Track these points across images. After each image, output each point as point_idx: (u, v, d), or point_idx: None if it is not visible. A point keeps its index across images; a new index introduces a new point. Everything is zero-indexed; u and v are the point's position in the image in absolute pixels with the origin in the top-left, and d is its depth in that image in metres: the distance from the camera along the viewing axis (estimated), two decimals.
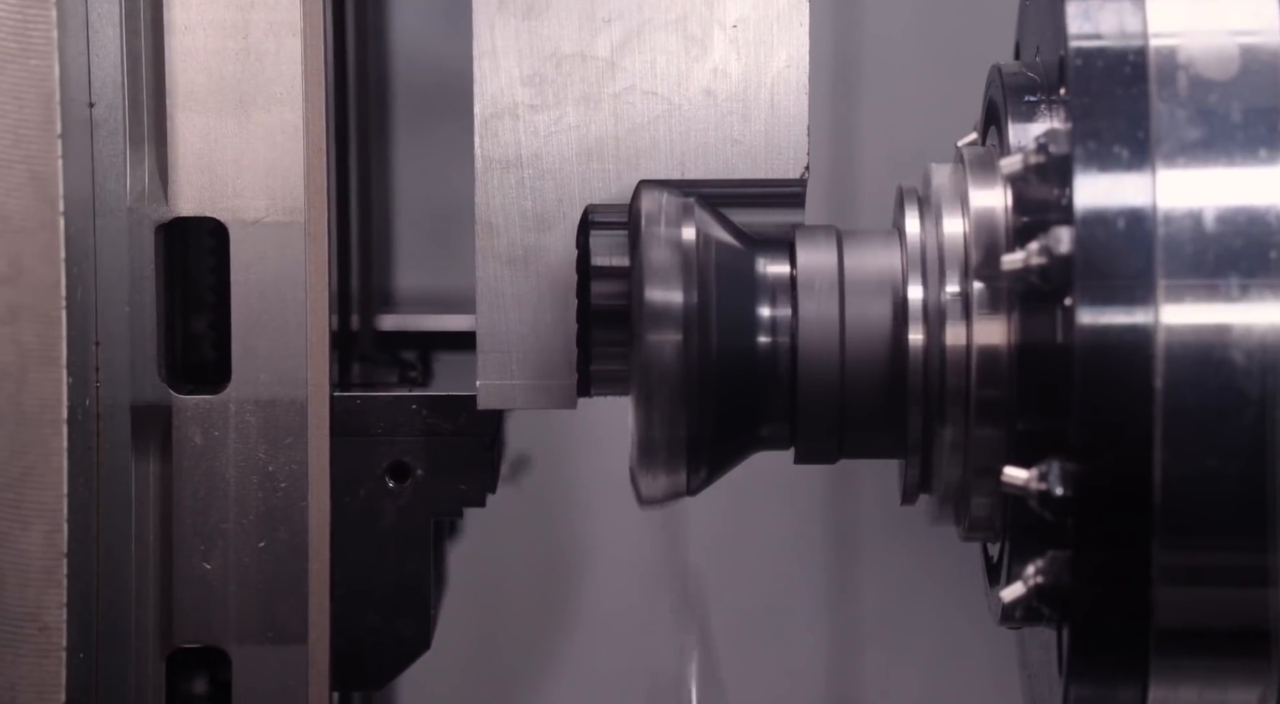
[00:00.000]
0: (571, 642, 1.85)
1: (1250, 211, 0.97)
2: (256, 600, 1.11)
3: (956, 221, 1.06)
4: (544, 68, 1.11)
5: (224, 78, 1.10)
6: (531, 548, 1.84)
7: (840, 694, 1.84)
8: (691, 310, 1.05)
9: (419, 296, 1.61)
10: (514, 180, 1.11)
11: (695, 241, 1.06)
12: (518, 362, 1.12)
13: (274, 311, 1.11)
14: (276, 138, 1.10)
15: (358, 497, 1.14)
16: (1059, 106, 1.01)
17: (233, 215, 1.10)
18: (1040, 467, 0.98)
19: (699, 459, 1.07)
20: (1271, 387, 0.95)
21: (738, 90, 1.11)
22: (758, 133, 1.11)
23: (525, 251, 1.11)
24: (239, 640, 1.11)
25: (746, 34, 1.10)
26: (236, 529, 1.11)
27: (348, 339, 1.31)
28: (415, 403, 1.14)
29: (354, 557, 1.14)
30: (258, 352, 1.11)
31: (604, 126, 1.11)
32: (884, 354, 1.06)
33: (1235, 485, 0.96)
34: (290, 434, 1.11)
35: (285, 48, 1.10)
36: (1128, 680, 0.99)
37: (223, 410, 1.11)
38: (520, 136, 1.11)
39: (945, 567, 1.79)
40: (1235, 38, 0.99)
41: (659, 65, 1.11)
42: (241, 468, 1.11)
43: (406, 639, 1.15)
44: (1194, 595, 0.98)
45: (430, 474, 1.14)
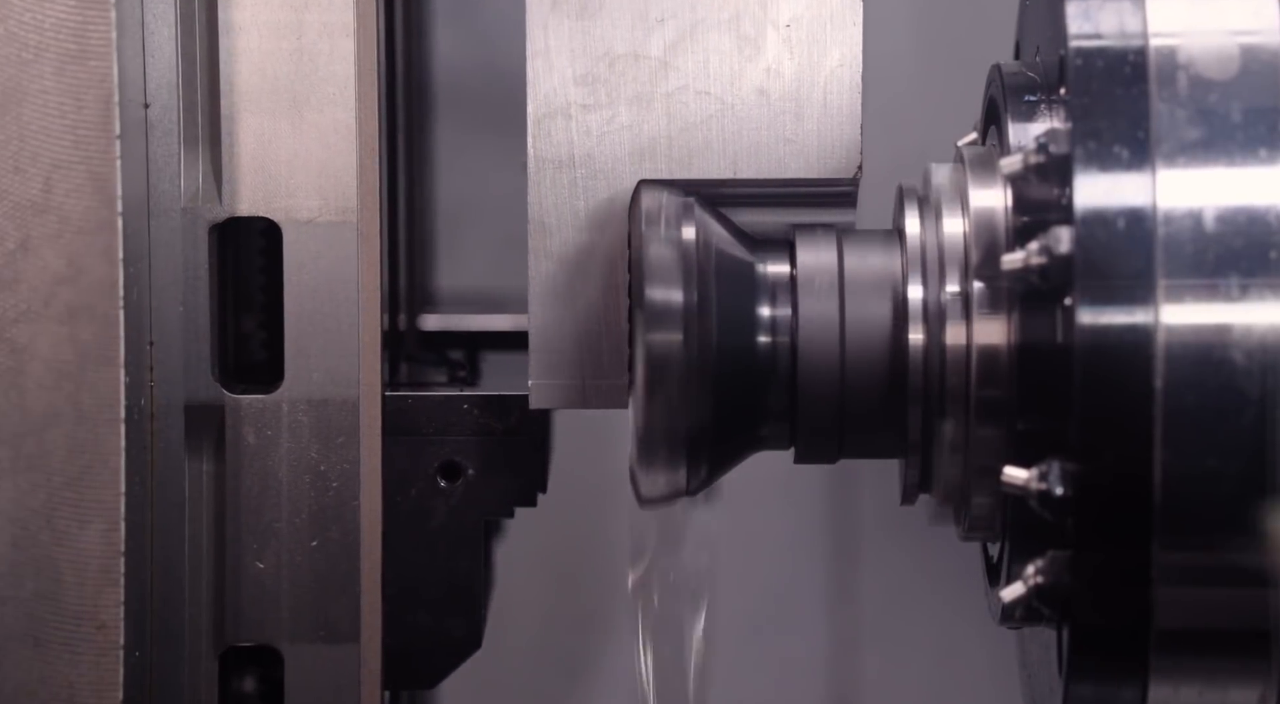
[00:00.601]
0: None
1: (1250, 211, 0.96)
2: (309, 599, 1.11)
3: (956, 221, 1.06)
4: (597, 67, 1.11)
5: (278, 78, 1.10)
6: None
7: (840, 694, 1.84)
8: (691, 310, 1.05)
9: (459, 296, 1.62)
10: (566, 180, 1.11)
11: (695, 241, 1.06)
12: (569, 361, 1.12)
13: (326, 311, 1.11)
14: (329, 138, 1.10)
15: (409, 496, 1.14)
16: (1059, 106, 1.01)
17: (286, 215, 1.11)
18: (1040, 466, 0.98)
19: (699, 459, 1.07)
20: (1271, 386, 0.95)
21: (791, 90, 1.11)
22: (810, 132, 1.11)
23: (577, 251, 1.11)
24: (291, 639, 1.11)
25: (799, 33, 1.10)
26: (289, 528, 1.11)
27: (395, 339, 1.31)
28: (467, 402, 1.15)
29: (405, 556, 1.14)
30: (310, 351, 1.11)
31: (657, 126, 1.11)
32: (884, 354, 1.06)
33: (1235, 485, 0.96)
34: (342, 433, 1.11)
35: (339, 48, 1.10)
36: (1128, 680, 0.99)
37: (275, 410, 1.11)
38: (573, 136, 1.11)
39: (945, 567, 1.79)
40: (1235, 38, 0.99)
41: (712, 65, 1.11)
42: (294, 467, 1.11)
43: (457, 639, 1.15)
44: (1194, 595, 0.98)
45: (481, 474, 1.14)
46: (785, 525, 1.82)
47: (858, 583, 1.83)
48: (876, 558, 1.82)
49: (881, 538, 1.82)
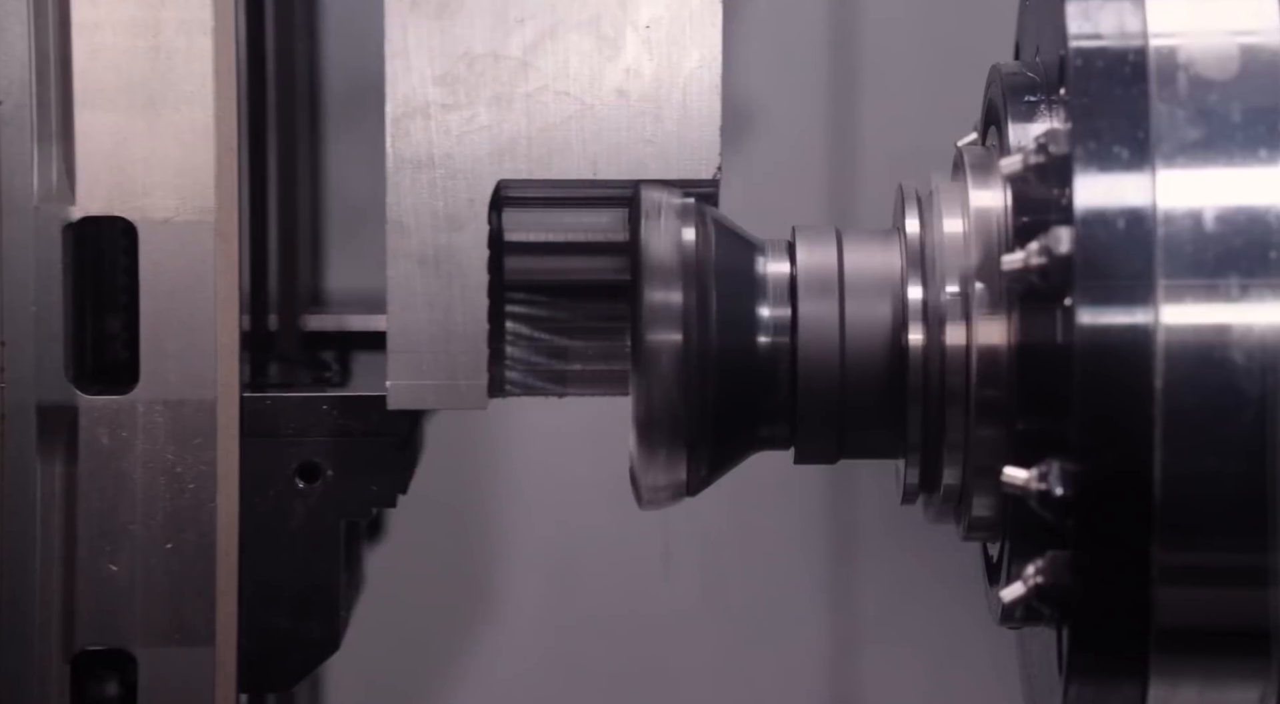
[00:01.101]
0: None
1: (1250, 211, 0.96)
2: (163, 602, 1.10)
3: (956, 221, 1.06)
4: (456, 67, 1.10)
5: (133, 76, 1.09)
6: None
7: (840, 694, 1.84)
8: (691, 310, 1.05)
9: (352, 297, 1.61)
10: (426, 180, 1.11)
11: (695, 241, 1.06)
12: (428, 362, 1.11)
13: (183, 311, 1.10)
14: (187, 137, 1.09)
15: (267, 497, 1.13)
16: (1059, 106, 1.01)
17: (142, 215, 1.10)
18: (1040, 466, 0.98)
19: (699, 459, 1.07)
20: (1271, 386, 0.95)
21: (650, 91, 1.10)
22: (670, 133, 1.11)
23: (436, 252, 1.11)
24: (145, 642, 1.10)
25: (659, 34, 1.10)
26: (143, 531, 1.10)
27: (265, 339, 1.30)
28: (326, 403, 1.14)
29: (263, 558, 1.13)
30: (167, 352, 1.10)
31: (517, 126, 1.10)
32: (884, 354, 1.06)
33: (1235, 485, 0.96)
34: (199, 435, 1.10)
35: (196, 46, 1.09)
36: (1128, 680, 0.99)
37: (130, 411, 1.10)
38: (432, 136, 1.10)
39: (945, 567, 1.79)
40: (1235, 38, 0.99)
41: (572, 65, 1.10)
42: (149, 469, 1.10)
43: (315, 640, 1.14)
44: (1194, 595, 0.98)
45: (340, 475, 1.14)
46: (785, 525, 1.82)
47: (858, 583, 1.83)
48: (876, 558, 1.82)
49: (881, 538, 1.82)
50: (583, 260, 1.14)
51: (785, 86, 1.82)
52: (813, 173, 1.88)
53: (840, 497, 1.83)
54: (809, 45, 1.83)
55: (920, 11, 1.80)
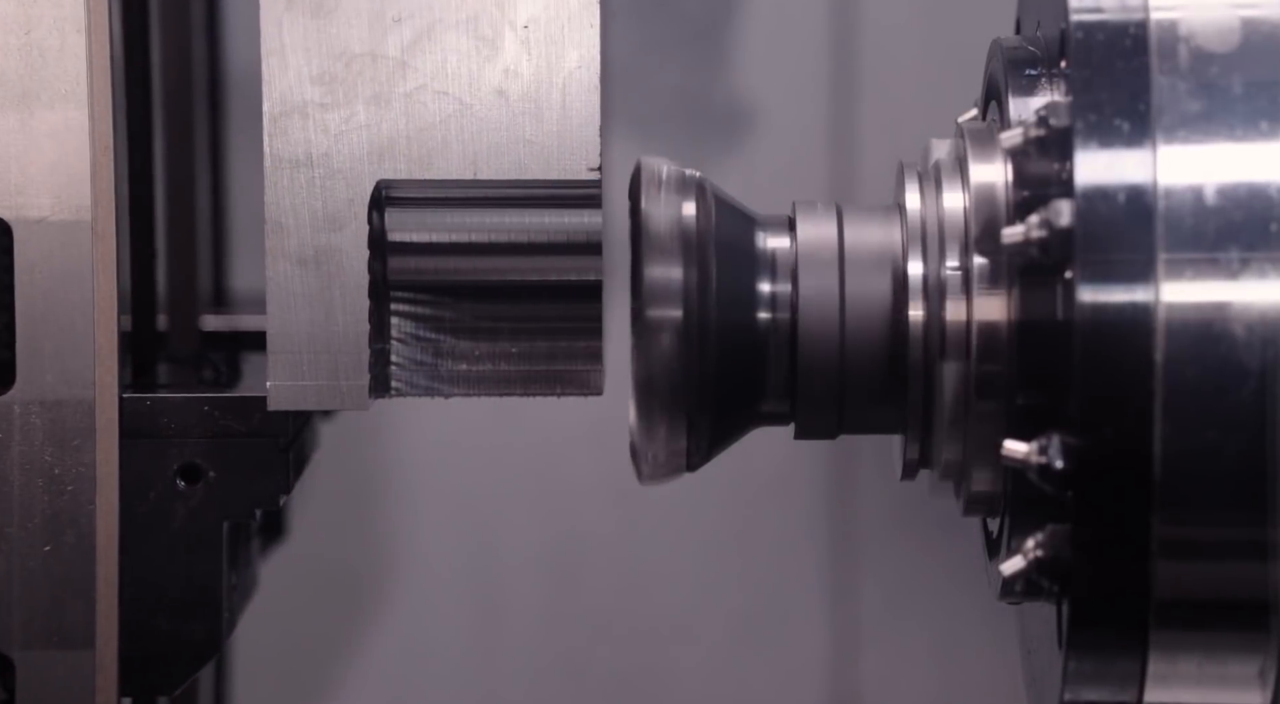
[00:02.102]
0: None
1: (1251, 184, 0.96)
2: (42, 605, 1.10)
3: (956, 196, 1.06)
4: (334, 66, 1.10)
5: (5, 73, 1.08)
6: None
7: (840, 694, 1.84)
8: (691, 285, 1.04)
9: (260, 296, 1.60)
10: (304, 179, 1.10)
11: (695, 216, 1.05)
12: (309, 362, 1.11)
13: (61, 312, 1.09)
14: (61, 135, 1.09)
15: (148, 499, 1.13)
16: (1059, 80, 1.01)
17: (16, 214, 1.09)
18: (1040, 440, 0.98)
19: (699, 435, 1.06)
20: (1272, 360, 0.95)
21: (529, 91, 1.10)
22: (550, 133, 1.10)
23: (316, 252, 1.10)
24: (24, 645, 1.10)
25: (537, 34, 1.10)
26: (21, 533, 1.09)
27: (153, 340, 1.29)
28: (207, 404, 1.13)
29: (143, 560, 1.13)
30: (44, 352, 1.09)
31: (395, 126, 1.10)
32: (884, 329, 1.05)
33: (1235, 459, 0.96)
34: (78, 436, 1.10)
35: (69, 44, 1.08)
36: (1127, 653, 0.99)
37: (7, 412, 1.09)
38: (310, 135, 1.10)
39: (945, 566, 1.80)
40: (1236, 10, 0.99)
41: (450, 65, 1.10)
42: (27, 470, 1.09)
43: (197, 643, 1.14)
44: (1193, 568, 0.98)
45: (222, 476, 1.13)
46: (785, 525, 1.82)
47: (858, 583, 1.83)
48: (876, 558, 1.83)
49: (881, 537, 1.83)
50: (465, 260, 1.13)
51: (785, 84, 1.83)
52: (813, 172, 1.88)
53: (840, 496, 1.84)
54: (809, 41, 1.83)
55: (920, 6, 1.81)
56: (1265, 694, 1.01)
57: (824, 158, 1.83)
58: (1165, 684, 1.01)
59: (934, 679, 1.84)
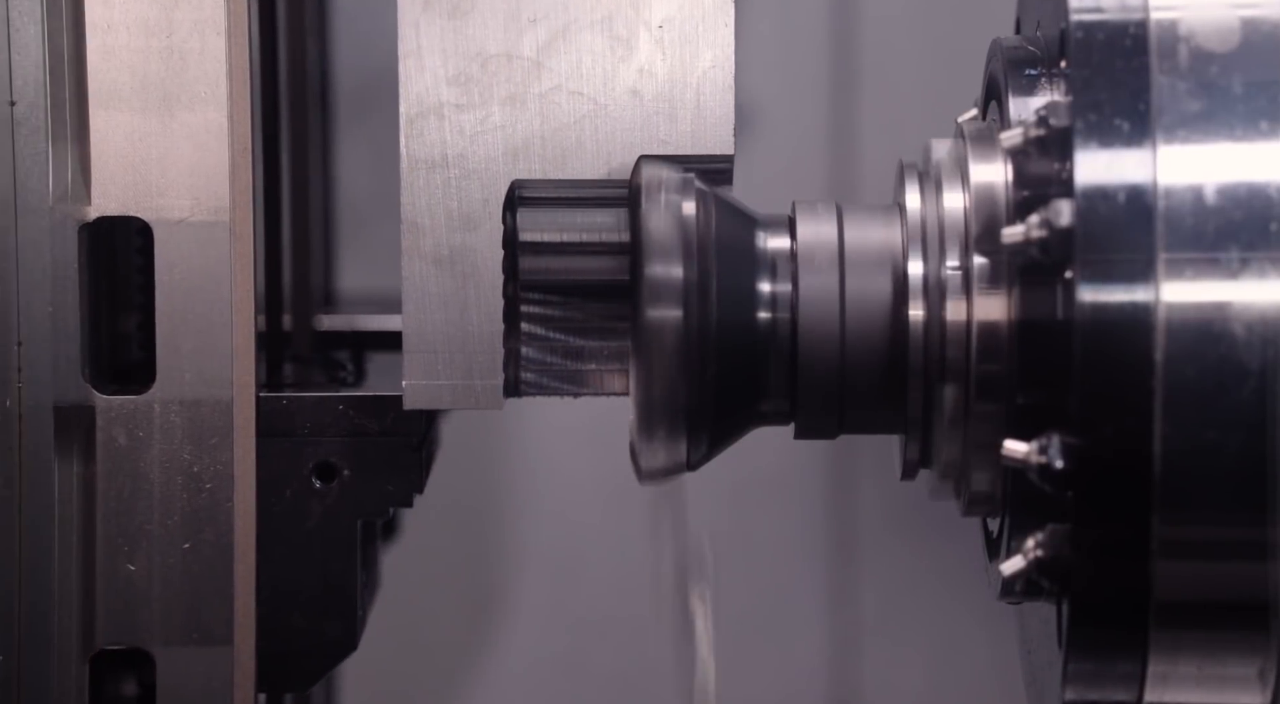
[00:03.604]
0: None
1: (1251, 184, 0.96)
2: (181, 602, 1.11)
3: (957, 196, 1.06)
4: (470, 67, 1.10)
5: (147, 76, 1.09)
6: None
7: (840, 694, 1.84)
8: (691, 285, 1.05)
9: (364, 296, 1.61)
10: (440, 180, 1.11)
11: (695, 216, 1.06)
12: (444, 362, 1.11)
13: (199, 312, 1.10)
14: (201, 137, 1.10)
15: (283, 497, 1.14)
16: (1059, 80, 1.01)
17: (157, 215, 1.10)
18: (1040, 440, 0.98)
19: (699, 434, 1.07)
20: (1272, 359, 0.95)
21: (664, 91, 1.11)
22: (684, 133, 1.11)
23: (451, 251, 1.11)
24: (164, 642, 1.11)
25: (672, 34, 1.10)
26: (161, 530, 1.10)
27: (280, 339, 1.30)
28: (342, 403, 1.14)
29: (280, 558, 1.13)
30: (183, 352, 1.10)
31: (530, 126, 1.11)
32: (884, 329, 1.06)
33: (1235, 458, 0.96)
34: (216, 435, 1.11)
35: (210, 47, 1.09)
36: (1127, 654, 0.99)
37: (147, 411, 1.10)
38: (446, 136, 1.11)
39: (945, 566, 1.79)
40: (1236, 10, 0.99)
41: (585, 65, 1.10)
42: (166, 469, 1.10)
43: (332, 640, 1.15)
44: (1193, 569, 0.98)
45: (357, 474, 1.14)
46: (785, 525, 1.82)
47: (858, 583, 1.83)
48: (876, 558, 1.83)
49: (881, 537, 1.82)
50: (596, 260, 1.14)
51: (786, 83, 1.83)
52: (813, 154, 1.88)
53: (840, 497, 1.83)
54: (810, 40, 1.83)
55: (920, 6, 1.81)
56: (1265, 694, 1.00)
57: (824, 158, 1.83)
58: (1165, 684, 1.00)
59: (934, 679, 1.83)
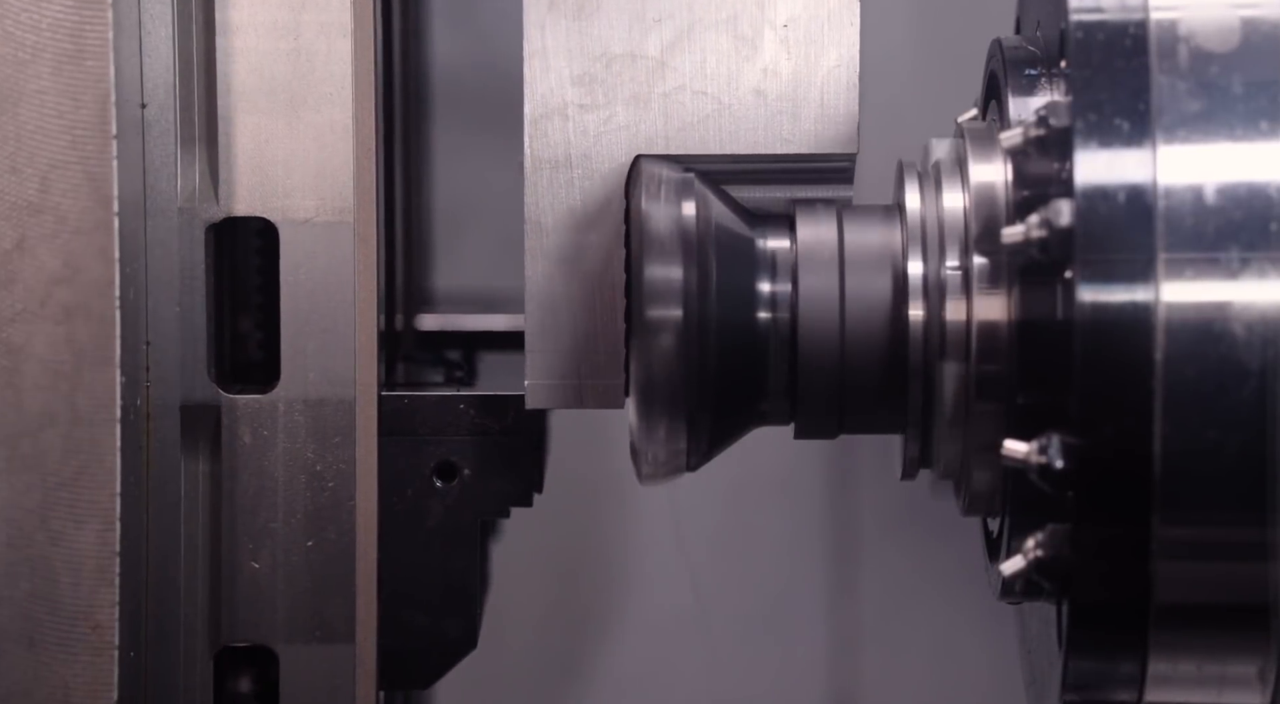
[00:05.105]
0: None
1: (1251, 184, 0.96)
2: (304, 599, 1.11)
3: (956, 196, 1.06)
4: (594, 67, 1.11)
5: (274, 78, 1.10)
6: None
7: (840, 694, 1.83)
8: (691, 286, 1.05)
9: (456, 296, 1.61)
10: (563, 180, 1.11)
11: (695, 216, 1.06)
12: (565, 361, 1.12)
13: (323, 311, 1.11)
14: (326, 138, 1.10)
15: (405, 496, 1.14)
16: (1059, 79, 1.01)
17: (283, 215, 1.11)
18: (1040, 440, 0.98)
19: (699, 435, 1.07)
20: (1272, 359, 0.95)
21: (788, 90, 1.10)
22: (807, 132, 1.11)
23: (574, 251, 1.11)
24: (287, 639, 1.11)
25: (797, 34, 1.10)
26: (285, 528, 1.11)
27: (393, 339, 1.31)
28: (463, 402, 1.15)
29: (401, 556, 1.14)
30: (307, 351, 1.11)
31: (654, 126, 1.11)
32: (884, 329, 1.06)
33: (1235, 458, 0.95)
34: (338, 434, 1.11)
35: (336, 48, 1.10)
36: (1127, 654, 0.99)
37: (272, 410, 1.11)
38: (570, 136, 1.11)
39: (945, 567, 1.79)
40: (1236, 10, 0.99)
41: (709, 65, 1.11)
42: (290, 467, 1.11)
43: (453, 639, 1.15)
44: (1193, 569, 0.98)
45: (477, 474, 1.14)
46: (785, 525, 1.82)
47: (858, 583, 1.82)
48: (876, 558, 1.82)
49: (881, 537, 1.82)
50: None
51: None
52: None
53: (840, 497, 1.83)
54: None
55: (920, 6, 1.80)
56: (1265, 694, 1.00)
57: None
58: (1165, 684, 1.00)
59: (934, 679, 1.82)
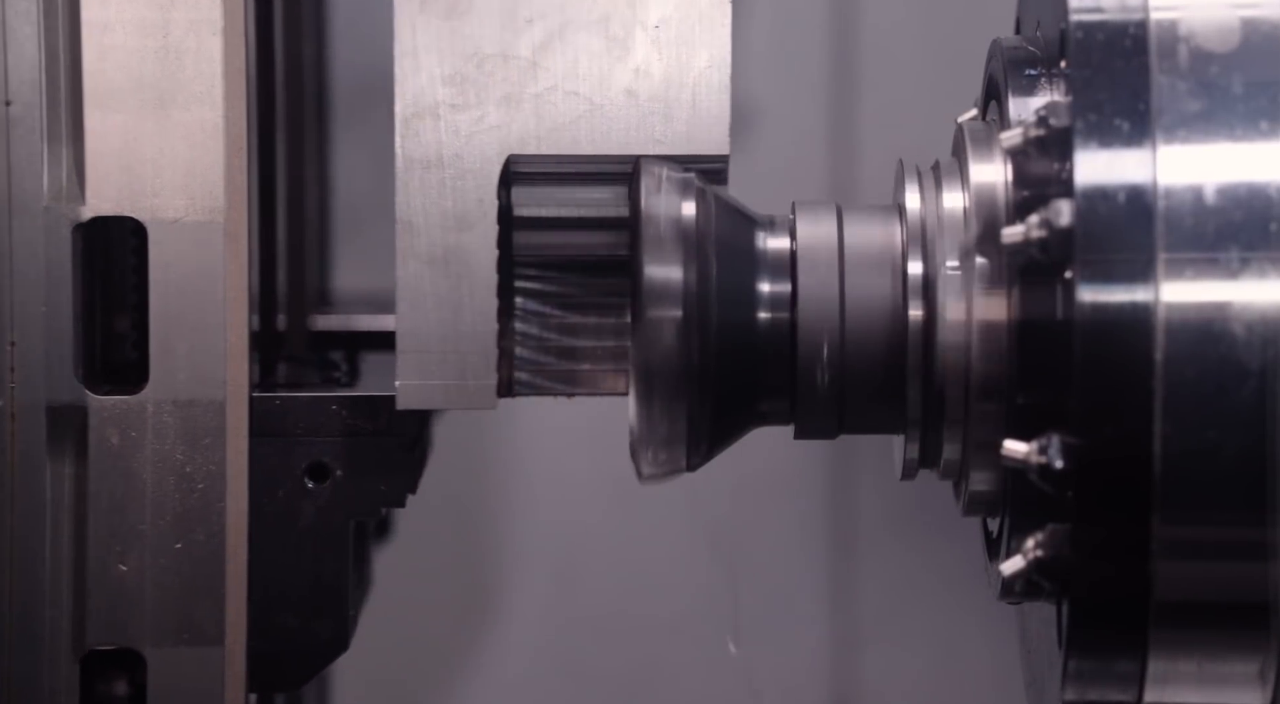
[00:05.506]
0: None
1: (1251, 184, 0.96)
2: (173, 602, 1.10)
3: (956, 196, 1.06)
4: (465, 67, 1.10)
5: (143, 76, 1.09)
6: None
7: (840, 694, 1.84)
8: (691, 286, 1.05)
9: (358, 297, 1.61)
10: (435, 180, 1.11)
11: (695, 217, 1.06)
12: (437, 362, 1.11)
13: (193, 312, 1.10)
14: (196, 137, 1.09)
15: (276, 497, 1.13)
16: (1059, 80, 1.01)
17: (151, 215, 1.10)
18: (1040, 440, 0.98)
19: (699, 435, 1.07)
20: (1272, 359, 0.95)
21: (660, 91, 1.10)
22: (680, 133, 1.11)
23: (445, 251, 1.11)
24: (155, 642, 1.11)
25: (668, 34, 1.10)
26: (153, 530, 1.10)
27: (274, 340, 1.30)
28: (335, 403, 1.14)
29: (271, 558, 1.13)
30: (176, 352, 1.10)
31: (526, 126, 1.10)
32: (884, 329, 1.06)
33: (1235, 458, 0.95)
34: (208, 435, 1.10)
35: (205, 46, 1.09)
36: (1127, 653, 0.99)
37: (140, 411, 1.10)
38: (442, 136, 1.10)
39: (945, 566, 1.79)
40: (1236, 10, 0.99)
41: (581, 65, 1.10)
42: (159, 469, 1.10)
43: (324, 640, 1.14)
44: (1193, 568, 0.98)
45: (349, 475, 1.14)
46: (785, 525, 1.82)
47: (858, 583, 1.83)
48: (876, 558, 1.82)
49: (882, 536, 1.82)
50: (593, 236, 1.13)
51: (786, 83, 1.82)
52: (813, 172, 1.88)
53: (840, 496, 1.83)
54: (809, 41, 1.83)
55: (920, 6, 1.80)
56: (1265, 694, 1.00)
57: (824, 158, 1.83)
58: (1165, 684, 1.00)
59: (934, 679, 1.83)
